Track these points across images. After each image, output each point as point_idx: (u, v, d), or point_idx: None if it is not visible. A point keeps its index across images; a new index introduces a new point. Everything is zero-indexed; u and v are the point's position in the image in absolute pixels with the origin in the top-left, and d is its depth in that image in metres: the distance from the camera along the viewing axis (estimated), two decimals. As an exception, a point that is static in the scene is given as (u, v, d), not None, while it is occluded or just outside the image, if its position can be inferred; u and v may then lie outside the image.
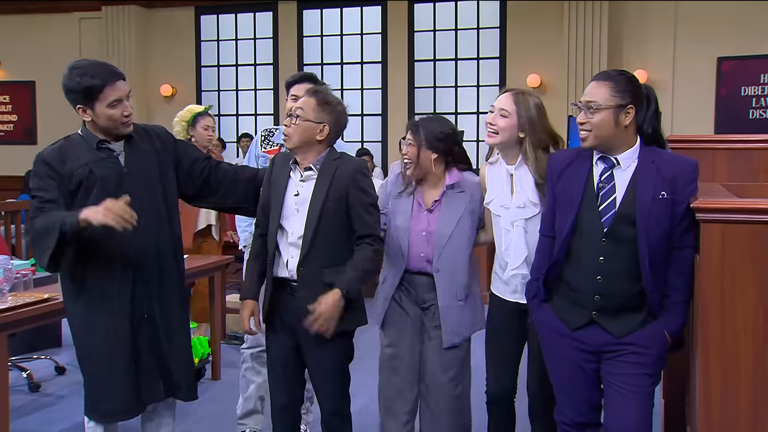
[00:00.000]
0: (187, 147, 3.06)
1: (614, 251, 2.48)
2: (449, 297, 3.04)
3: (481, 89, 9.81)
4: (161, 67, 10.83)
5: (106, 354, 2.74)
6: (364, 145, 10.02)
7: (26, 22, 11.03)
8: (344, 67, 10.38)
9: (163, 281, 2.84)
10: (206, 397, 4.46)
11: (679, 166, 2.49)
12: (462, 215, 3.03)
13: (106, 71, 2.71)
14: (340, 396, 2.94)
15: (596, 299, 2.53)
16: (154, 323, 2.82)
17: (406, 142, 3.04)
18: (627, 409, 2.50)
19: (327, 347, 2.83)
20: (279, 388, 2.96)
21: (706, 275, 2.25)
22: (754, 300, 2.20)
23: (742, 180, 3.42)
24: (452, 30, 9.91)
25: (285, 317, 2.88)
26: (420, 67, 10.05)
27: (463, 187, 3.06)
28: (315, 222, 2.79)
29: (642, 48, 9.10)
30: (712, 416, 2.26)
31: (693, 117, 8.71)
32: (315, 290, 2.76)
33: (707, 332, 2.25)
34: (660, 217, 2.44)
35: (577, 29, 8.99)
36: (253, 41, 10.69)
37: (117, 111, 2.71)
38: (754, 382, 2.22)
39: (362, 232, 2.85)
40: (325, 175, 2.83)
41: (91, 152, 2.75)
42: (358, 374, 3.16)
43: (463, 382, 3.14)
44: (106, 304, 2.73)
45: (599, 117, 2.49)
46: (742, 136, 3.61)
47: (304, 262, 2.80)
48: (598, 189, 2.53)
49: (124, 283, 2.75)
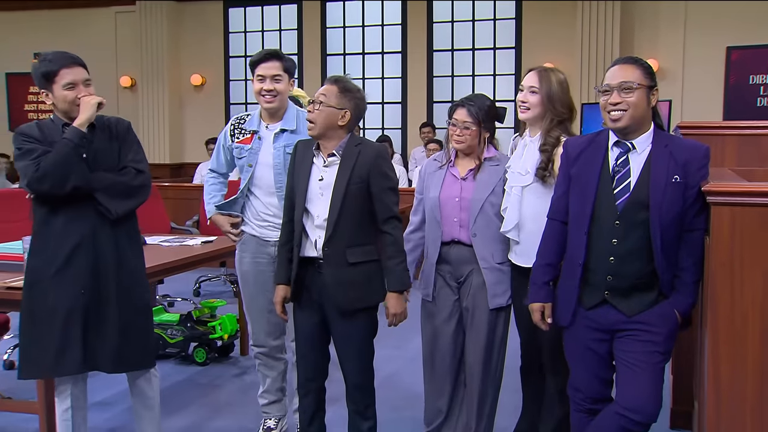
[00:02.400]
0: (130, 147, 2.98)
1: (627, 233, 2.47)
2: (488, 260, 3.07)
3: (497, 78, 9.76)
4: (191, 57, 10.86)
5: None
6: (384, 132, 10.00)
7: (68, 17, 11.11)
8: (366, 57, 10.34)
9: (105, 263, 2.87)
10: (234, 372, 4.51)
11: (692, 151, 2.46)
12: (496, 185, 3.08)
13: (63, 57, 2.85)
14: (365, 370, 2.96)
15: (608, 279, 2.51)
16: (95, 295, 2.85)
17: (462, 122, 3.06)
18: (638, 385, 2.48)
19: (353, 321, 2.87)
20: (305, 362, 2.98)
21: (716, 256, 2.24)
22: (762, 280, 2.19)
23: (750, 165, 3.40)
24: (470, 21, 9.85)
25: (312, 294, 2.90)
26: (438, 57, 10.00)
27: (497, 161, 3.13)
28: (339, 205, 2.81)
29: (653, 38, 9.02)
30: (720, 392, 2.26)
31: (703, 104, 8.68)
32: (340, 268, 2.82)
33: (716, 311, 2.24)
34: (673, 200, 2.42)
35: (590, 19, 8.92)
36: (279, 32, 10.69)
37: (72, 93, 2.82)
38: (761, 359, 2.21)
39: (384, 215, 2.87)
40: (348, 160, 2.84)
41: (60, 134, 2.83)
42: (380, 350, 3.18)
43: (501, 352, 3.19)
44: (59, 272, 2.83)
45: (637, 96, 2.47)
46: (750, 122, 3.59)
47: (329, 242, 2.82)
48: (613, 173, 2.52)
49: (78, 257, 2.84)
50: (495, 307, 3.09)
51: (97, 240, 2.85)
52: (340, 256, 2.82)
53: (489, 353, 3.14)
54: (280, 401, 3.60)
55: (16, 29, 11.35)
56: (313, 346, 2.96)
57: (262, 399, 3.60)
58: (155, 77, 10.65)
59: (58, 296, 2.82)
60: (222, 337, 4.84)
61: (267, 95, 3.27)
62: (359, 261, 2.83)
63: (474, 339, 3.13)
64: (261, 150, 3.33)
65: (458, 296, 3.15)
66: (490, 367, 3.16)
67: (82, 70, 2.85)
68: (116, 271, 2.88)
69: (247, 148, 3.35)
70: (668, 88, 8.78)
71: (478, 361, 3.13)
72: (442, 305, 3.17)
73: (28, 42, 11.26)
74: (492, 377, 3.19)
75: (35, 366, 2.87)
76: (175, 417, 3.90)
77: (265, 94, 3.27)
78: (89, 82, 2.87)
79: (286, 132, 3.31)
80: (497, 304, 3.09)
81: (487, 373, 3.16)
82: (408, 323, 3.03)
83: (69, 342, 2.81)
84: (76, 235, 2.82)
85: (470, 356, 3.16)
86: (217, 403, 4.11)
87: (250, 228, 3.42)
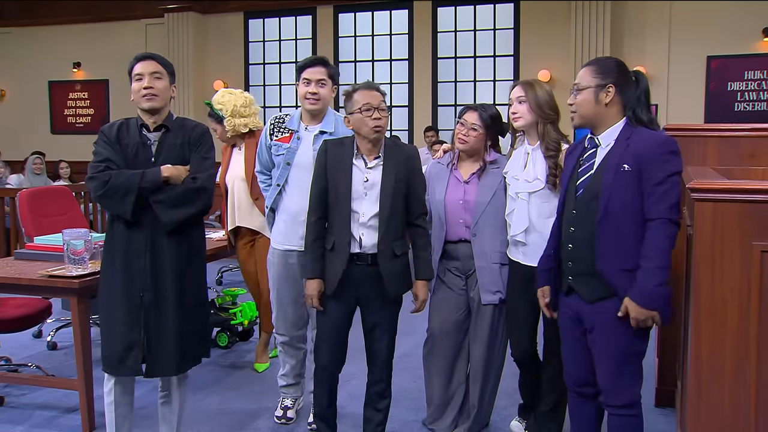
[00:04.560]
0: (197, 156, 2.80)
1: (582, 222, 2.44)
2: (485, 259, 3.07)
3: (497, 84, 9.74)
4: (214, 65, 10.88)
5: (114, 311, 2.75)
6: (392, 134, 10.00)
7: (102, 29, 11.16)
8: (375, 64, 10.34)
9: (162, 265, 2.74)
10: (254, 355, 4.51)
11: (650, 142, 2.34)
12: (498, 188, 3.07)
13: (140, 55, 2.79)
14: (392, 348, 2.98)
15: (569, 266, 2.51)
16: (149, 299, 2.73)
17: (470, 123, 3.06)
18: (607, 373, 2.45)
19: (391, 306, 2.92)
20: (331, 348, 2.93)
21: (699, 247, 2.24)
22: (740, 269, 2.20)
23: (729, 164, 3.40)
24: (471, 31, 9.82)
25: (353, 287, 2.86)
26: (442, 64, 9.99)
27: (499, 164, 3.12)
28: (389, 203, 2.80)
29: (641, 46, 9.00)
30: (701, 372, 2.27)
31: (685, 109, 8.69)
32: (390, 260, 2.83)
33: (699, 297, 2.25)
34: (621, 188, 2.33)
35: (583, 29, 8.90)
36: (295, 41, 10.68)
37: (137, 84, 2.73)
38: (738, 342, 2.22)
39: (418, 210, 2.91)
40: (390, 161, 2.83)
41: (137, 134, 2.77)
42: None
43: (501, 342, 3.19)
44: (122, 273, 2.73)
45: (581, 97, 2.46)
46: (730, 125, 3.59)
47: (383, 240, 2.80)
48: (579, 167, 2.51)
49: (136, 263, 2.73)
50: (487, 303, 3.09)
51: (155, 246, 2.72)
52: (389, 250, 2.82)
53: (493, 340, 3.14)
54: (297, 384, 3.59)
55: (57, 41, 11.43)
56: (340, 335, 2.93)
57: (281, 380, 3.58)
58: (181, 83, 10.67)
59: (119, 296, 2.73)
60: (242, 323, 4.85)
61: (311, 98, 3.20)
62: (403, 252, 2.86)
63: (480, 327, 3.13)
64: (299, 150, 3.25)
65: (466, 286, 3.15)
66: (493, 353, 3.16)
67: (152, 64, 2.73)
68: (174, 278, 2.74)
69: (285, 147, 3.26)
70: (654, 93, 8.69)
71: (482, 347, 3.14)
72: (451, 294, 3.17)
73: (68, 53, 11.38)
74: (495, 363, 3.19)
75: (104, 362, 2.80)
76: (199, 395, 3.92)
77: (310, 97, 3.20)
78: (157, 75, 2.73)
79: (325, 134, 3.21)
80: (489, 301, 3.09)
81: (491, 359, 3.16)
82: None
83: (130, 344, 2.72)
84: (137, 240, 2.72)
85: (475, 343, 3.16)
86: (237, 384, 4.13)
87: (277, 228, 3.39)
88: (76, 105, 11.61)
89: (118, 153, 2.73)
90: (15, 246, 6.54)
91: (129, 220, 2.70)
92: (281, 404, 3.56)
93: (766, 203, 2.16)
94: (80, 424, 3.44)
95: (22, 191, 4.72)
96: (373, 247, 2.81)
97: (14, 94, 11.89)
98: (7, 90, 11.91)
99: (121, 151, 2.74)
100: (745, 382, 2.21)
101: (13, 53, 11.67)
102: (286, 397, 3.56)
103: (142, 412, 3.57)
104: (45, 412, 3.68)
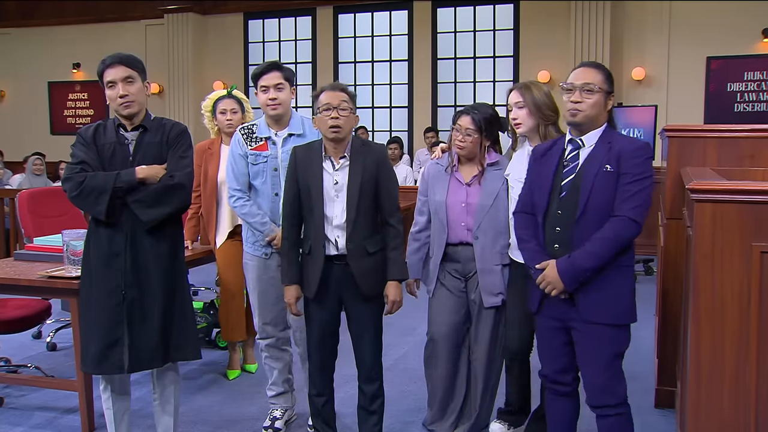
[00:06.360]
0: (174, 155, 2.80)
1: (566, 222, 2.47)
2: (486, 261, 3.06)
3: (497, 84, 9.75)
4: (214, 65, 10.88)
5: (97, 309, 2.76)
6: (392, 134, 10.01)
7: (102, 30, 11.19)
8: (375, 65, 10.35)
9: (143, 262, 2.76)
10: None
11: (628, 144, 2.45)
12: (500, 189, 3.06)
13: (110, 57, 2.76)
14: (379, 347, 2.97)
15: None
16: (131, 296, 2.74)
17: (464, 129, 3.04)
18: (595, 374, 2.50)
19: (371, 304, 2.90)
20: (321, 349, 2.95)
21: (699, 248, 2.24)
22: (740, 270, 2.20)
23: (729, 165, 3.40)
24: (471, 31, 9.83)
25: (333, 288, 2.88)
26: (442, 65, 10.00)
27: (500, 165, 3.10)
28: (356, 203, 2.80)
29: (640, 48, 9.01)
30: (701, 372, 2.27)
31: (685, 109, 8.71)
32: (362, 259, 2.83)
33: (699, 298, 2.25)
34: (603, 188, 2.41)
35: (582, 30, 8.92)
36: (294, 42, 10.69)
37: (112, 92, 2.73)
38: (738, 343, 2.22)
39: (390, 209, 2.89)
40: (357, 160, 2.84)
41: (114, 135, 2.78)
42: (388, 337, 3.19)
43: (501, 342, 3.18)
44: (103, 272, 2.75)
45: (595, 98, 2.48)
46: (729, 126, 3.58)
47: (351, 238, 2.81)
48: (564, 166, 2.54)
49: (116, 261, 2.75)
50: (489, 306, 3.08)
51: (136, 244, 2.74)
52: (361, 249, 2.82)
53: (494, 343, 3.13)
54: (286, 393, 3.53)
55: (56, 42, 11.47)
56: (329, 334, 2.95)
57: (270, 391, 3.52)
58: (181, 84, 10.69)
59: (99, 296, 2.74)
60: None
61: (272, 104, 3.20)
62: (376, 250, 2.85)
63: (481, 330, 3.13)
64: (280, 155, 3.23)
65: (465, 288, 3.15)
66: (494, 355, 3.15)
67: (123, 69, 2.72)
68: (156, 275, 2.76)
69: (265, 154, 3.24)
70: (654, 94, 8.78)
71: (483, 349, 3.13)
72: (450, 296, 3.16)
73: (68, 53, 11.40)
74: (496, 365, 3.19)
75: (83, 362, 2.82)
76: (198, 396, 3.92)
77: (270, 103, 3.20)
78: (130, 80, 2.73)
79: (294, 136, 3.23)
80: (491, 304, 3.08)
81: (492, 361, 3.15)
82: (415, 313, 3.02)
83: (111, 342, 2.73)
84: (117, 239, 2.74)
85: (476, 345, 3.16)
86: (237, 385, 4.12)
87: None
88: (76, 106, 11.62)
89: (94, 154, 2.75)
90: (15, 247, 6.54)
91: (108, 221, 2.73)
92: (270, 415, 3.51)
93: (765, 204, 2.16)
94: (80, 425, 3.43)
95: (21, 192, 4.72)
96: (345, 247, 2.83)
97: (14, 95, 11.91)
98: (7, 90, 11.93)
99: (98, 152, 2.76)
100: (745, 382, 2.21)
101: (13, 54, 11.69)
102: (276, 408, 3.51)
103: (142, 413, 3.57)
104: (44, 413, 3.68)
